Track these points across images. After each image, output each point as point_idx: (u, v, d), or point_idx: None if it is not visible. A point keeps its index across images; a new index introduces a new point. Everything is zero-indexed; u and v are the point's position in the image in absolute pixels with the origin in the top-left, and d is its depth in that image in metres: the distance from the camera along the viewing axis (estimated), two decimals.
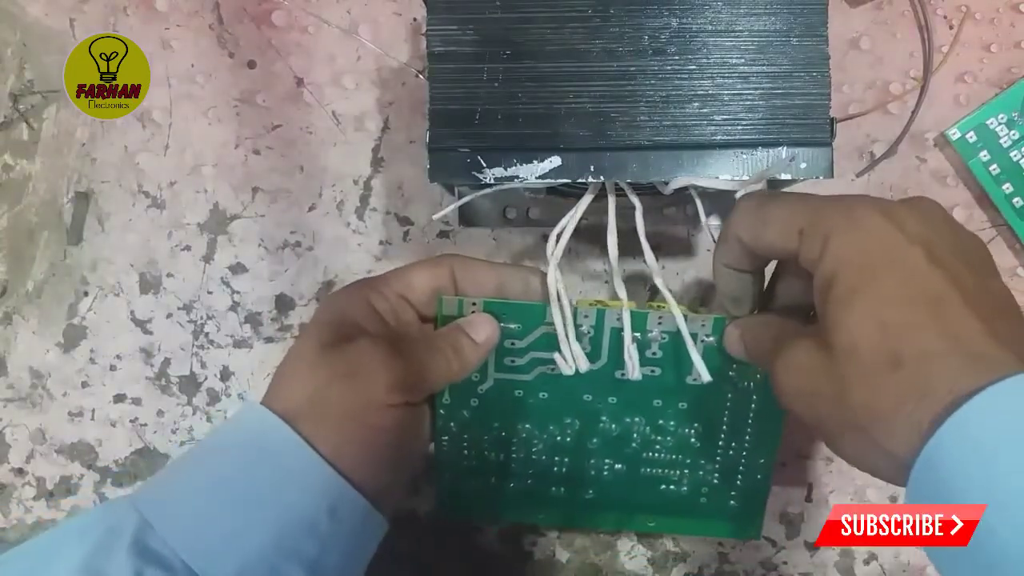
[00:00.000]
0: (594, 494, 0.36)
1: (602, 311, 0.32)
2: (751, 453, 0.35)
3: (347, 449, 0.28)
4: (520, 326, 0.32)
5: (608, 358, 0.33)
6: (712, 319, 0.32)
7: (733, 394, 0.34)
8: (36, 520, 0.41)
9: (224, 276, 0.41)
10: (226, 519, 0.26)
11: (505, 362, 0.33)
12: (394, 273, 0.33)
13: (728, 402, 0.34)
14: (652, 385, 0.34)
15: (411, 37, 0.41)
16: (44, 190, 0.41)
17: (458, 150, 0.30)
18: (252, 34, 0.41)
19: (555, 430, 0.35)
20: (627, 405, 0.34)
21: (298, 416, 0.28)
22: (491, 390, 0.34)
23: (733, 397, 0.34)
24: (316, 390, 0.28)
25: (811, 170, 0.30)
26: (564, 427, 0.35)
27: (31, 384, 0.41)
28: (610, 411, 0.35)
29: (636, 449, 0.35)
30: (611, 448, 0.35)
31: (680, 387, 0.34)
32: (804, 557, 0.40)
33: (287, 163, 0.41)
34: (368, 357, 0.29)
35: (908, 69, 0.40)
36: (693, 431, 0.35)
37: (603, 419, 0.35)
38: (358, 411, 0.28)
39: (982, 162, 0.39)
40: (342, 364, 0.29)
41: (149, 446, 0.41)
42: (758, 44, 0.30)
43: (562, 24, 0.30)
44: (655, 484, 0.36)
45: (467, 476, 0.36)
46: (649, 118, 0.30)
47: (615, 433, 0.35)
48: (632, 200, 0.32)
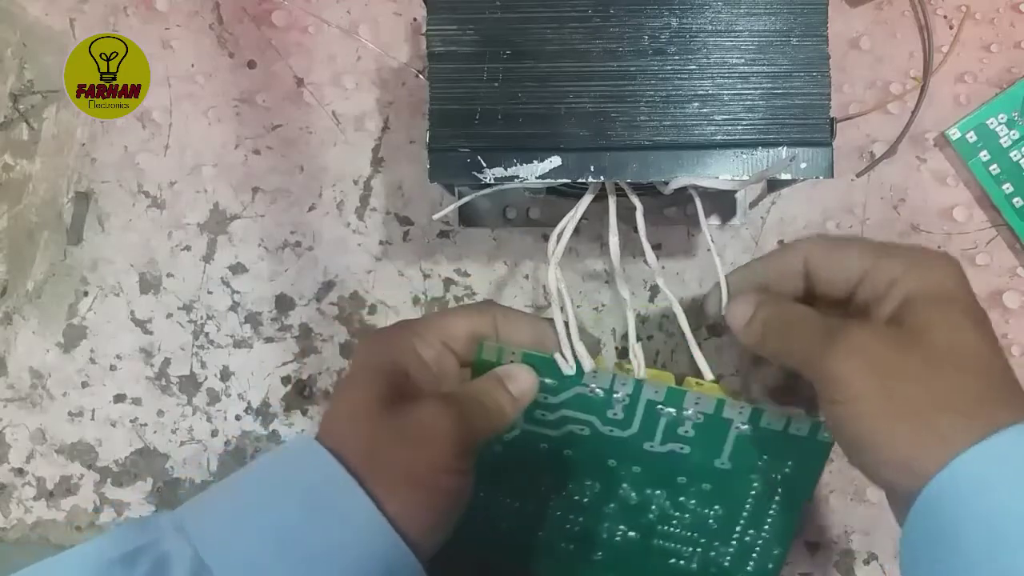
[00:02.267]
0: (603, 556, 0.36)
1: (640, 384, 0.32)
2: (767, 542, 0.35)
3: (411, 512, 0.27)
4: (556, 382, 0.32)
5: (640, 428, 0.32)
6: (750, 409, 0.31)
7: (760, 484, 0.33)
8: (36, 520, 0.41)
9: (224, 276, 0.41)
10: (289, 573, 0.25)
11: (536, 414, 0.33)
12: (436, 318, 0.32)
13: (753, 490, 0.34)
14: (679, 462, 0.33)
15: (411, 37, 0.41)
16: (44, 190, 0.41)
17: (458, 150, 0.30)
18: (252, 34, 0.41)
19: (574, 488, 0.34)
20: (650, 477, 0.34)
21: (363, 472, 0.27)
22: (517, 439, 0.33)
23: (759, 487, 0.34)
24: (381, 449, 0.28)
25: (811, 170, 0.30)
26: (584, 487, 0.34)
27: (31, 384, 0.41)
28: (632, 479, 0.34)
29: (652, 520, 0.35)
30: (627, 515, 0.35)
31: (707, 469, 0.33)
32: (804, 557, 0.40)
33: (287, 163, 0.41)
34: (436, 422, 0.28)
35: (908, 69, 0.40)
36: (712, 512, 0.34)
37: (624, 486, 0.34)
38: (426, 476, 0.27)
39: (982, 162, 0.39)
40: (410, 427, 0.28)
41: (149, 446, 0.41)
42: (758, 44, 0.30)
43: (562, 24, 0.30)
44: (665, 557, 0.35)
45: (480, 516, 0.35)
46: (649, 118, 0.30)
47: (634, 501, 0.34)
48: (632, 200, 0.32)
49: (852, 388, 0.26)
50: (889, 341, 0.26)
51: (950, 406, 0.25)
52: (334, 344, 0.41)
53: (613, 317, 0.41)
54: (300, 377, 0.41)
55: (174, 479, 0.41)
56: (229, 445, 0.41)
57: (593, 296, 0.41)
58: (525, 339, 0.32)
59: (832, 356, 0.26)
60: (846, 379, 0.26)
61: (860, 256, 0.29)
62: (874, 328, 0.27)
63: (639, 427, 0.33)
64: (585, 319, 0.41)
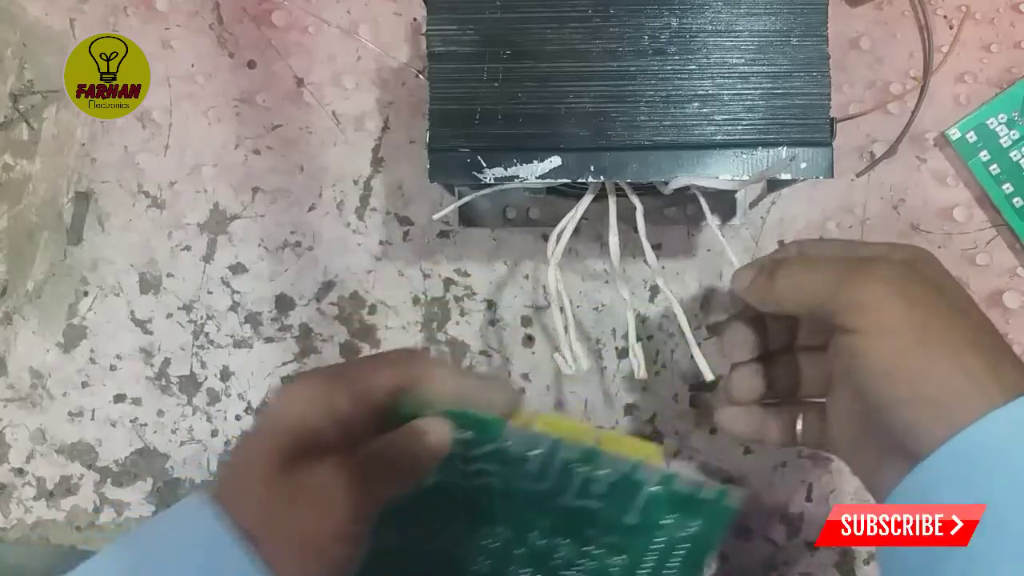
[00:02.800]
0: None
1: (557, 443, 0.31)
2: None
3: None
4: (475, 437, 0.31)
5: (554, 484, 0.32)
6: (664, 473, 0.32)
7: (666, 540, 0.33)
8: (36, 520, 0.41)
9: (224, 276, 0.41)
10: None
11: (453, 464, 0.32)
12: (358, 367, 0.31)
13: (658, 545, 0.34)
14: (589, 515, 0.33)
15: (411, 37, 0.41)
16: (44, 190, 0.41)
17: (458, 150, 0.30)
18: (252, 34, 0.41)
19: (485, 533, 0.34)
20: (560, 527, 0.34)
21: (256, 536, 0.26)
22: (432, 486, 0.33)
23: (665, 542, 0.34)
24: (276, 512, 0.27)
25: (811, 170, 0.30)
26: (496, 533, 0.34)
27: (31, 384, 0.41)
28: (542, 528, 0.34)
29: (558, 565, 0.35)
30: (535, 559, 0.35)
31: (615, 523, 0.33)
32: (804, 557, 0.40)
33: (287, 163, 0.41)
34: (333, 487, 0.27)
35: (908, 69, 0.40)
36: (618, 561, 0.34)
37: (534, 533, 0.34)
38: (320, 540, 0.27)
39: (982, 162, 0.39)
40: (305, 492, 0.27)
41: (149, 446, 0.41)
42: (758, 44, 0.30)
43: (562, 24, 0.30)
44: None
45: (391, 556, 0.34)
46: (649, 118, 0.30)
47: (541, 548, 0.34)
48: (632, 200, 0.32)
49: (883, 316, 0.25)
50: (917, 278, 0.26)
51: (983, 351, 0.24)
52: (334, 344, 0.41)
53: (613, 317, 0.41)
54: None
55: (174, 479, 0.41)
56: (229, 445, 0.41)
57: (593, 296, 0.41)
58: (449, 392, 0.31)
59: (860, 283, 0.25)
60: (875, 306, 0.25)
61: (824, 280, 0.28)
62: (903, 265, 0.27)
63: (554, 483, 0.32)
64: (585, 319, 0.41)
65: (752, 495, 0.40)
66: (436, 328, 0.41)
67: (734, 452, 0.40)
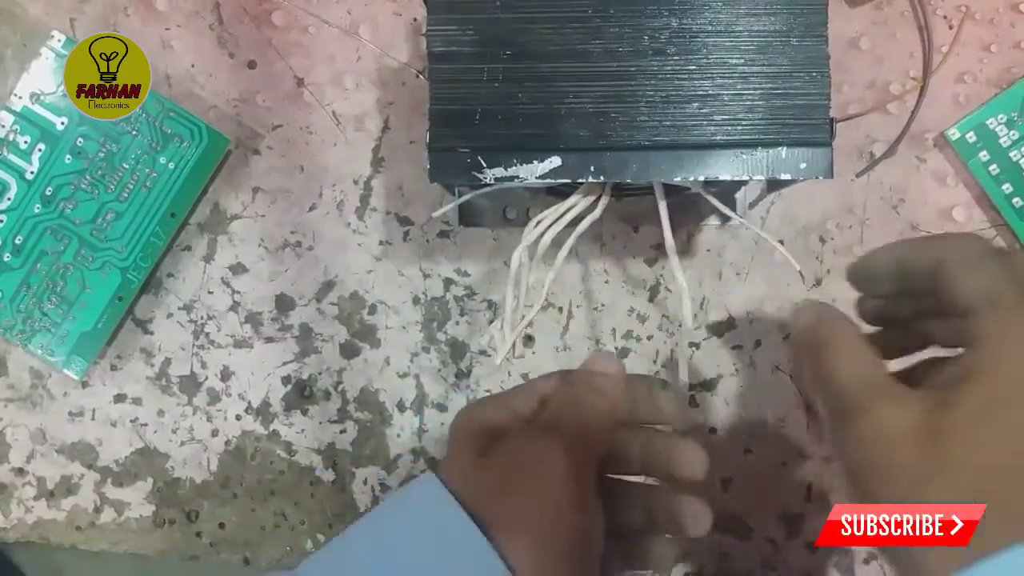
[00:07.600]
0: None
1: None
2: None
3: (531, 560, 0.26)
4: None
5: None
6: None
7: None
8: (36, 520, 0.41)
9: (224, 276, 0.41)
10: None
11: None
12: (522, 387, 0.32)
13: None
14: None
15: (411, 37, 0.41)
16: None
17: (458, 150, 0.30)
18: (252, 34, 0.41)
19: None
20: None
21: (486, 520, 0.26)
22: None
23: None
24: (493, 493, 0.27)
25: (811, 170, 0.30)
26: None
27: (31, 384, 0.41)
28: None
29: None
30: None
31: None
32: (804, 557, 0.40)
33: (287, 163, 0.41)
34: (532, 450, 0.27)
35: (908, 69, 0.40)
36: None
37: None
38: (547, 507, 0.26)
39: (982, 162, 0.39)
40: (511, 463, 0.27)
41: (149, 446, 0.41)
42: (758, 44, 0.30)
43: (562, 24, 0.30)
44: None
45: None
46: (649, 118, 0.30)
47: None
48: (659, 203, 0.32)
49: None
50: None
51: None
52: (334, 344, 0.41)
53: (613, 317, 0.41)
54: (300, 377, 0.41)
55: (174, 479, 0.41)
56: (229, 445, 0.41)
57: (593, 296, 0.41)
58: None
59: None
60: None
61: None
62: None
63: None
64: (585, 319, 0.41)
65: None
66: (436, 328, 0.41)
67: (734, 452, 0.40)
